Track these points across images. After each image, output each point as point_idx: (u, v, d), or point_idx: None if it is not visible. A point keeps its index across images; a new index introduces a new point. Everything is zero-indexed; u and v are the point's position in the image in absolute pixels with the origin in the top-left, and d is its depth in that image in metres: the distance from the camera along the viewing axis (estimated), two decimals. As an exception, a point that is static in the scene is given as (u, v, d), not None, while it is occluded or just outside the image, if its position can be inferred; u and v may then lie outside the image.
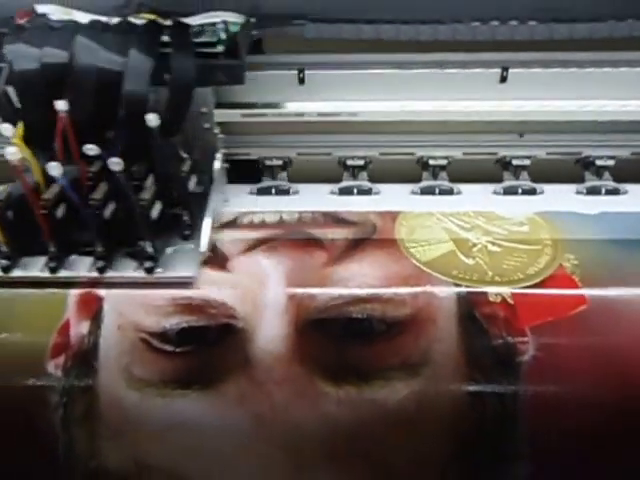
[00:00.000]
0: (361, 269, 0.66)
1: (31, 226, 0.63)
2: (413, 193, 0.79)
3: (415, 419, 0.61)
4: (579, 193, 0.78)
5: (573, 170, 0.81)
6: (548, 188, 0.79)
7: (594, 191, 0.78)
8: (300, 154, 0.83)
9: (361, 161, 0.82)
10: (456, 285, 0.64)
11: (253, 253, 0.68)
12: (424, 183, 0.80)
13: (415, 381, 0.61)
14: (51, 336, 0.63)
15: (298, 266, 0.66)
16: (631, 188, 0.78)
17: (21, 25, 0.71)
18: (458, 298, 0.64)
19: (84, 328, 0.63)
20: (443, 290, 0.64)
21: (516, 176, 0.80)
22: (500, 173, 0.81)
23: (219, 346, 0.62)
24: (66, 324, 0.64)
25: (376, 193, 0.79)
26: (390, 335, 0.62)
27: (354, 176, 0.82)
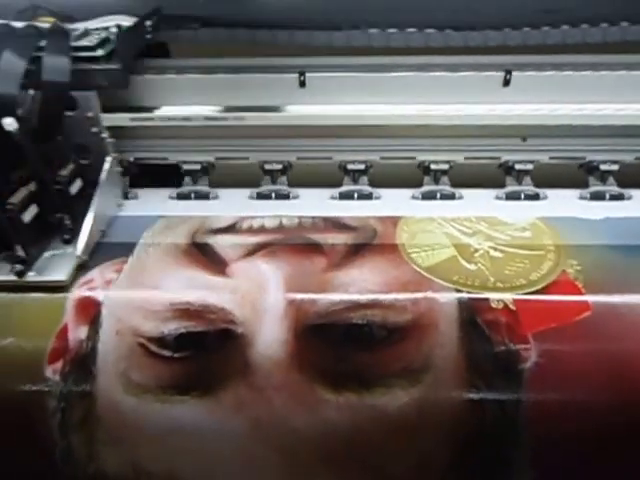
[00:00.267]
0: (361, 274, 0.65)
1: None
2: (414, 198, 0.79)
3: (416, 426, 0.60)
4: (583, 198, 0.77)
5: (577, 175, 0.81)
6: (551, 193, 0.78)
7: (598, 196, 0.77)
8: (300, 158, 0.82)
9: (362, 165, 0.81)
10: (457, 291, 0.64)
11: (252, 258, 0.67)
12: (425, 188, 0.80)
13: (416, 388, 0.60)
14: (49, 341, 0.63)
15: (298, 271, 0.66)
16: (636, 193, 0.77)
17: None
18: (459, 304, 0.63)
19: (82, 333, 0.63)
20: (444, 296, 0.63)
21: (519, 181, 0.80)
22: (502, 178, 0.81)
23: (218, 352, 0.62)
24: (64, 329, 0.63)
25: (377, 198, 0.79)
26: (391, 341, 0.61)
27: (354, 180, 0.81)
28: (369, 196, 0.79)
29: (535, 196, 0.78)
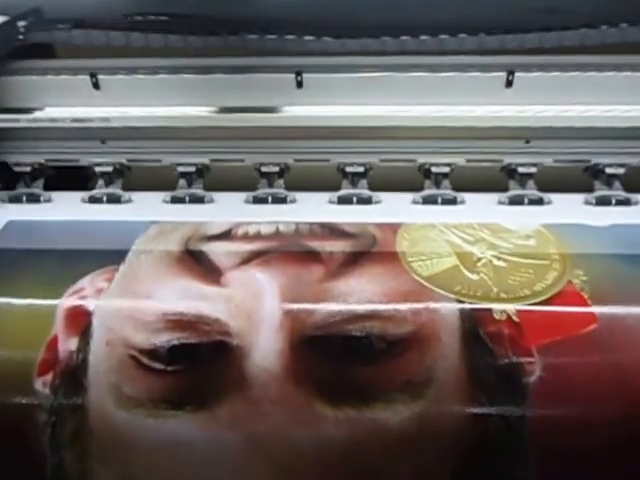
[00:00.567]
0: (360, 284, 0.63)
1: None
2: (414, 202, 0.77)
3: (416, 442, 0.58)
4: (588, 203, 0.75)
5: (582, 179, 0.79)
6: (556, 198, 0.76)
7: (604, 201, 0.75)
8: (297, 160, 0.80)
9: (361, 168, 0.79)
10: (459, 302, 0.61)
11: (248, 266, 0.65)
12: (426, 192, 0.78)
13: (417, 403, 0.58)
14: (39, 352, 0.61)
15: (294, 281, 0.63)
16: (642, 198, 0.75)
17: None
18: (461, 316, 0.61)
19: (73, 344, 0.61)
20: (446, 308, 0.61)
21: (522, 185, 0.78)
22: (505, 181, 0.79)
23: (212, 364, 0.60)
24: (54, 339, 0.61)
25: (376, 202, 0.77)
26: (390, 354, 0.59)
27: (353, 184, 0.79)
28: (368, 200, 0.77)
29: (539, 201, 0.75)
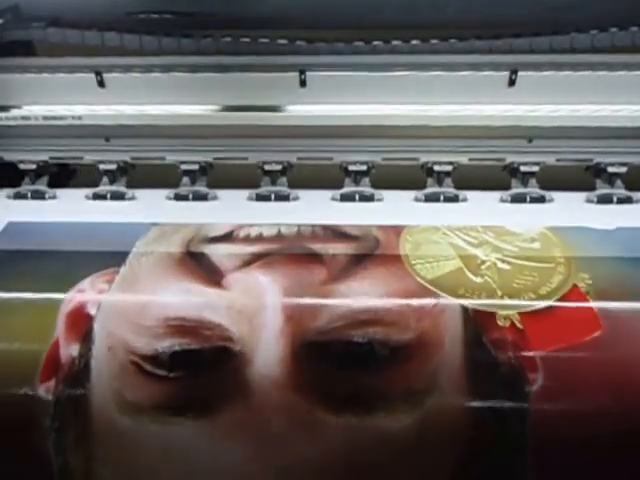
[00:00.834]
0: (363, 288, 0.62)
1: None
2: (417, 200, 0.77)
3: (418, 449, 0.58)
4: (590, 202, 0.75)
5: (584, 177, 0.79)
6: (557, 196, 0.76)
7: (605, 199, 0.75)
8: (300, 159, 0.81)
9: (363, 166, 0.80)
10: (463, 308, 0.61)
11: (250, 269, 0.64)
12: (428, 190, 0.78)
13: (418, 410, 0.57)
14: (41, 357, 0.60)
15: (296, 285, 0.63)
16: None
17: None
18: (465, 322, 0.60)
19: (74, 350, 0.61)
20: (449, 314, 0.60)
21: (524, 183, 0.78)
22: (508, 180, 0.79)
23: (214, 371, 0.59)
24: (55, 344, 0.61)
25: (379, 200, 0.77)
26: (392, 361, 0.59)
27: (356, 182, 0.79)
28: (371, 198, 0.77)
29: (541, 199, 0.75)
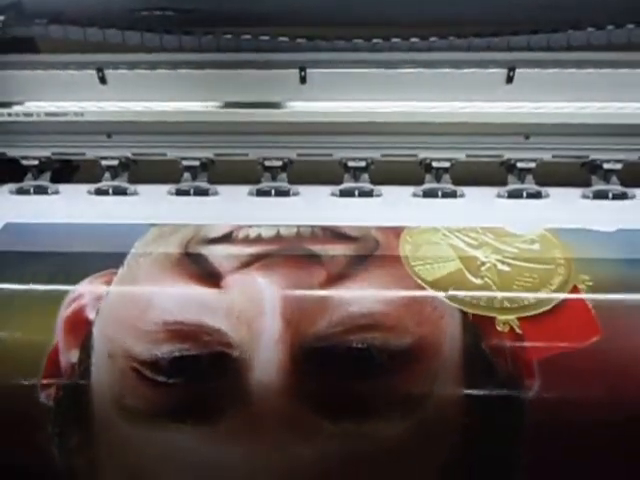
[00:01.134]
0: (362, 292, 0.62)
1: None
2: (415, 196, 0.78)
3: (414, 456, 0.58)
4: (586, 197, 0.76)
5: (580, 174, 0.80)
6: (553, 192, 0.77)
7: (601, 195, 0.76)
8: (300, 155, 0.82)
9: (362, 162, 0.81)
10: (462, 312, 0.60)
11: (248, 271, 0.64)
12: (427, 185, 0.79)
13: (415, 417, 0.58)
14: (41, 363, 0.60)
15: (295, 288, 0.62)
16: (639, 193, 0.76)
17: None
18: (464, 328, 0.60)
19: (74, 356, 0.61)
20: (449, 319, 0.60)
21: (521, 179, 0.79)
22: (505, 176, 0.80)
23: (214, 377, 0.59)
24: (55, 350, 0.61)
25: (377, 195, 0.78)
26: (391, 368, 0.59)
27: (355, 178, 0.80)
28: (370, 193, 0.78)
29: (537, 194, 0.76)
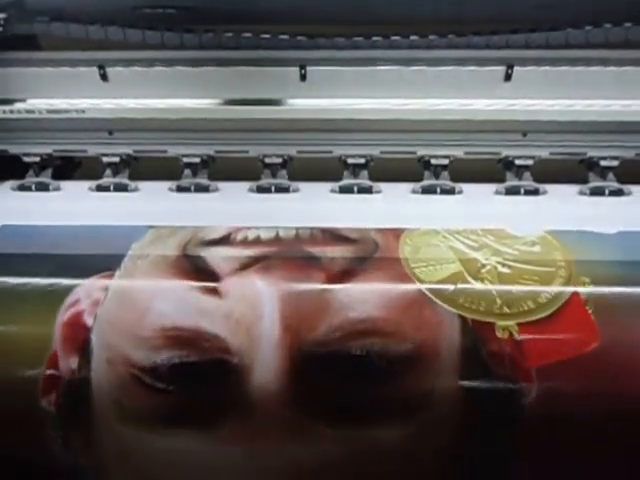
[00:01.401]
0: (362, 296, 0.61)
1: None
2: (414, 192, 0.78)
3: (412, 462, 0.59)
4: (583, 194, 0.77)
5: (577, 171, 0.80)
6: (551, 188, 0.77)
7: (598, 192, 0.76)
8: (300, 152, 0.82)
9: (362, 159, 0.81)
10: (462, 318, 0.60)
11: (247, 275, 0.63)
12: (425, 182, 0.79)
13: (414, 422, 0.58)
14: (41, 370, 0.61)
15: (294, 292, 0.62)
16: (635, 189, 0.77)
17: None
18: (463, 334, 0.60)
19: (73, 362, 0.61)
20: (448, 324, 0.60)
21: (519, 176, 0.79)
22: (503, 173, 0.80)
23: (213, 384, 0.60)
24: (54, 356, 0.61)
25: (377, 192, 0.79)
26: (390, 373, 0.59)
27: (355, 175, 0.81)
28: (369, 190, 0.79)
29: (535, 191, 0.77)
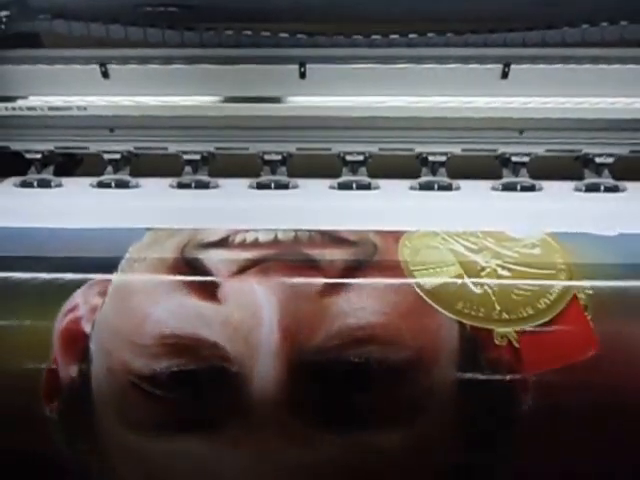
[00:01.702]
0: (361, 301, 0.60)
1: None
2: (412, 189, 0.79)
3: (410, 469, 0.59)
4: (578, 190, 0.78)
5: (573, 167, 0.81)
6: (547, 185, 0.79)
7: (593, 188, 0.78)
8: (300, 149, 0.83)
9: (360, 156, 0.82)
10: (460, 324, 0.60)
11: (245, 279, 0.62)
12: (423, 179, 0.80)
13: (412, 430, 0.59)
14: (41, 377, 0.61)
15: (293, 297, 0.61)
16: (630, 186, 0.78)
17: None
18: (461, 341, 0.60)
19: (73, 370, 0.61)
20: (447, 331, 0.60)
21: (515, 173, 0.80)
22: (499, 169, 0.81)
23: (212, 391, 0.60)
24: (54, 363, 0.61)
25: (375, 188, 0.79)
26: (388, 381, 0.59)
27: (353, 171, 0.82)
28: (368, 186, 0.79)
29: (531, 187, 0.78)
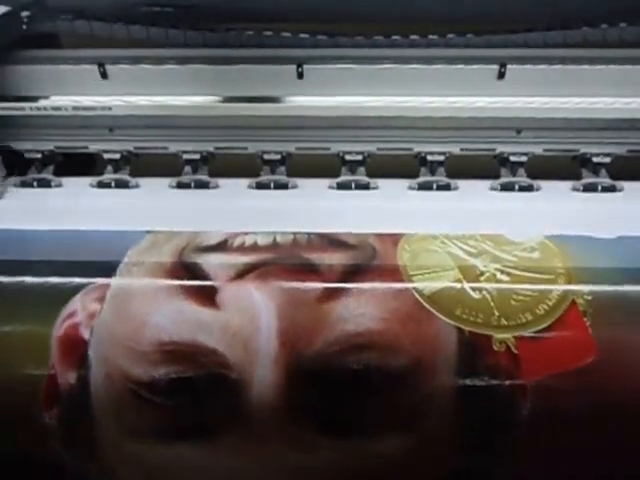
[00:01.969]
0: (359, 306, 0.61)
1: None
2: (411, 188, 0.80)
3: (411, 474, 0.60)
4: (576, 190, 0.78)
5: (570, 167, 0.82)
6: (545, 185, 0.79)
7: (591, 188, 0.78)
8: (299, 148, 0.83)
9: (359, 156, 0.82)
10: (459, 330, 0.60)
11: (244, 284, 0.62)
12: (422, 178, 0.80)
13: (410, 436, 0.59)
14: (41, 384, 0.61)
15: (291, 303, 0.61)
16: (627, 185, 0.78)
17: None
18: (460, 347, 0.60)
19: (72, 377, 0.61)
20: (445, 337, 0.60)
21: (513, 172, 0.81)
22: (497, 169, 0.82)
23: (211, 398, 0.60)
24: (53, 369, 0.61)
25: (374, 188, 0.80)
26: (387, 387, 0.59)
27: (352, 171, 0.82)
28: (366, 186, 0.80)
29: (529, 187, 0.78)
